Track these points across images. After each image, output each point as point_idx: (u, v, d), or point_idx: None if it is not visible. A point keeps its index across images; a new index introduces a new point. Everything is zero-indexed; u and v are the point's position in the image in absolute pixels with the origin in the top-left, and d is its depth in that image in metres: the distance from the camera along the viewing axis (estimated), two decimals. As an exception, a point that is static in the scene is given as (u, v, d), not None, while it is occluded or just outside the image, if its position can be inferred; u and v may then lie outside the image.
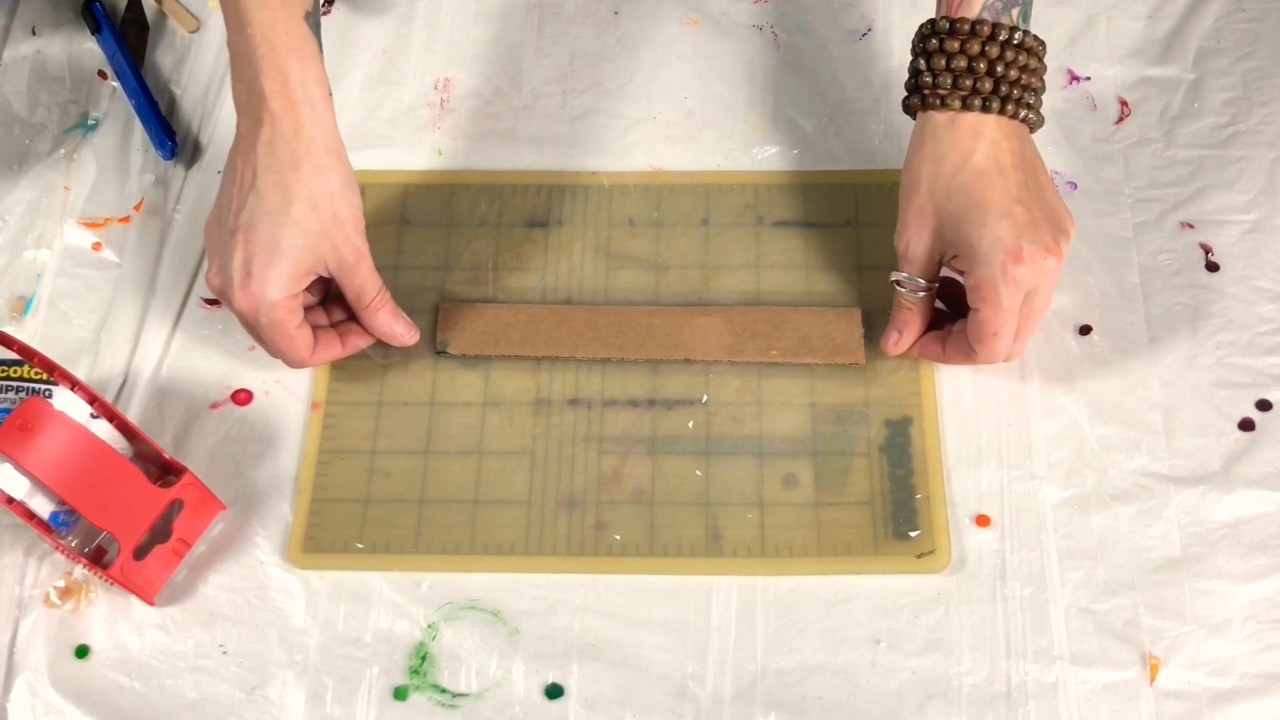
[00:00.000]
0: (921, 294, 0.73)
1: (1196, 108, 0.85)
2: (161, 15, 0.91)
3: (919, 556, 0.70)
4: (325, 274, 0.72)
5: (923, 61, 0.72)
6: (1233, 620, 0.69)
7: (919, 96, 0.72)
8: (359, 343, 0.76)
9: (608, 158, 0.84)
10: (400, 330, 0.75)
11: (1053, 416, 0.75)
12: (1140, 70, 0.86)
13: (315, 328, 0.74)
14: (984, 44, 0.71)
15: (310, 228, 0.70)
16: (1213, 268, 0.79)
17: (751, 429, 0.74)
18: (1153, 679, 0.68)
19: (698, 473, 0.73)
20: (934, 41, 0.72)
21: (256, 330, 0.71)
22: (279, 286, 0.70)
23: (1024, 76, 0.71)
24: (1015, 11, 0.72)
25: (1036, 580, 0.70)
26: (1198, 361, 0.76)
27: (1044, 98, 0.86)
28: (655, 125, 0.86)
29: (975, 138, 0.70)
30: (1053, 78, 0.86)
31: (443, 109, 0.87)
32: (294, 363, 0.73)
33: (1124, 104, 0.85)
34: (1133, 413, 0.75)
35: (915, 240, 0.72)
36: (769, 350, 0.75)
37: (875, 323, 0.77)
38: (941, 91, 0.71)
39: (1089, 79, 0.86)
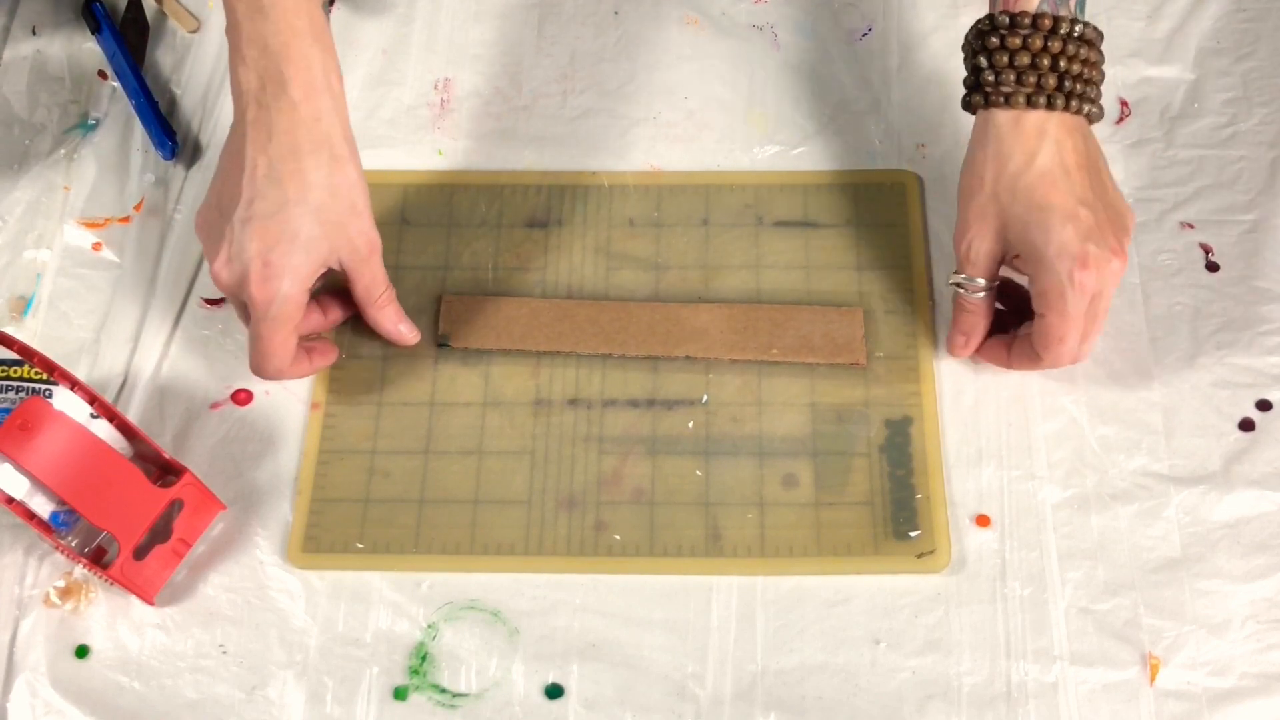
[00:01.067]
0: (982, 294, 0.72)
1: (1196, 108, 0.85)
2: (161, 15, 0.91)
3: (919, 556, 0.70)
4: (336, 267, 0.71)
5: (983, 59, 0.71)
6: (1233, 620, 0.69)
7: (981, 94, 0.71)
8: (323, 362, 0.75)
9: (608, 158, 0.84)
10: (405, 329, 0.75)
11: (1053, 416, 0.75)
12: (1140, 70, 0.86)
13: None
14: (1046, 38, 0.69)
15: (329, 217, 0.69)
16: (1213, 268, 0.79)
17: (751, 429, 0.74)
18: (1153, 679, 0.68)
19: (698, 473, 0.73)
20: (994, 39, 0.70)
21: (260, 325, 0.69)
22: (297, 278, 0.68)
23: (1085, 70, 0.70)
24: (1072, 1, 0.70)
25: (1036, 580, 0.70)
26: (1198, 361, 0.76)
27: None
28: (655, 125, 0.86)
29: (1040, 137, 0.69)
30: (1053, 78, 0.86)
31: (443, 109, 0.87)
32: (271, 370, 0.71)
33: (1124, 104, 0.85)
34: (1133, 413, 0.75)
35: (978, 242, 0.71)
36: (770, 349, 0.75)
37: (876, 322, 0.77)
38: (1005, 90, 0.70)
39: (1089, 79, 0.86)
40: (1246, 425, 0.74)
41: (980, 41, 0.71)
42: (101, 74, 0.88)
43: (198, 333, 0.79)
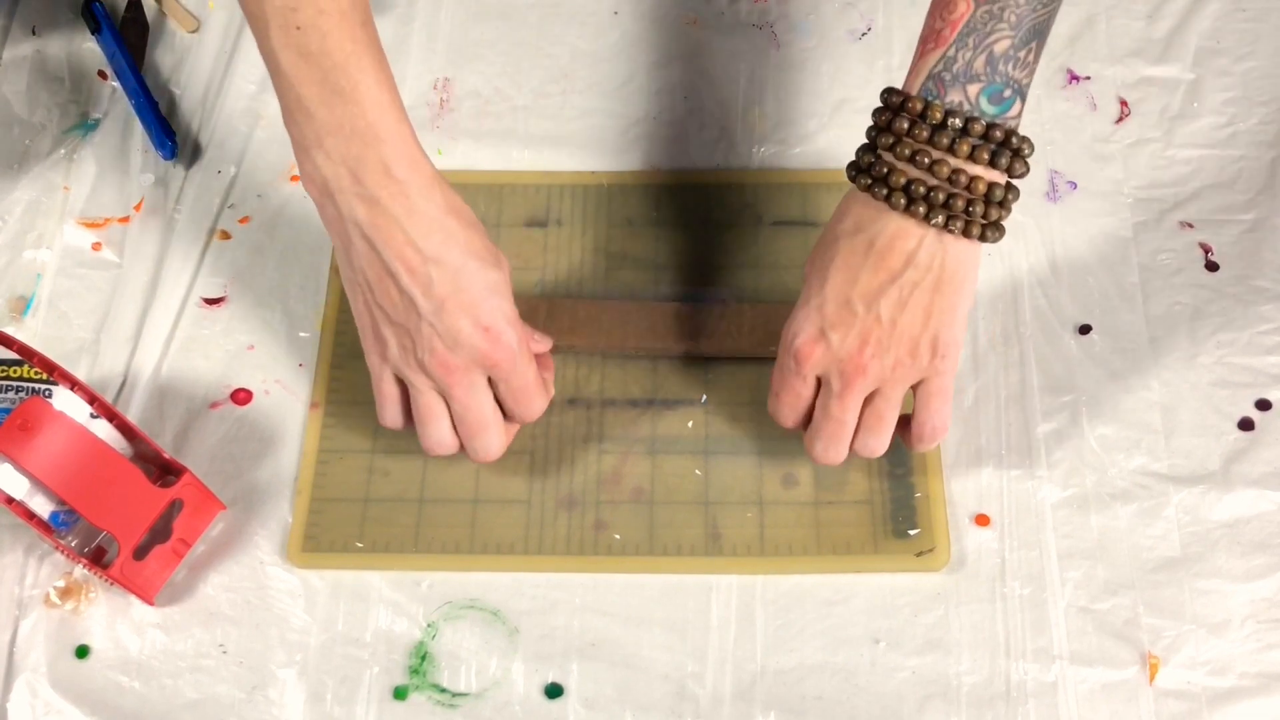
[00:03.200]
0: None
1: (1196, 107, 0.85)
2: (161, 15, 0.91)
3: (918, 555, 0.70)
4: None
5: (873, 135, 0.63)
6: (1232, 620, 0.69)
7: (858, 172, 0.63)
8: (549, 378, 0.72)
9: (607, 158, 0.84)
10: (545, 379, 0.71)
11: (1052, 416, 0.75)
12: (1140, 70, 0.86)
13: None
14: (932, 132, 0.60)
15: (487, 257, 0.66)
16: (1212, 267, 0.79)
17: (751, 428, 0.74)
18: (1152, 678, 0.68)
19: (697, 472, 0.73)
20: (884, 115, 0.62)
21: (513, 381, 0.66)
22: (513, 322, 0.65)
23: (993, 188, 0.61)
24: (975, 90, 0.60)
25: (1036, 580, 0.70)
26: (1197, 361, 0.76)
27: (1042, 97, 0.86)
28: (655, 125, 0.86)
29: (898, 254, 0.62)
30: (1052, 77, 0.86)
31: (442, 109, 0.87)
32: (537, 411, 0.68)
33: (1124, 104, 0.85)
34: (1132, 412, 0.75)
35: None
36: (769, 346, 0.75)
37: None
38: (878, 180, 0.62)
39: (1089, 79, 0.86)
40: (1246, 425, 0.74)
41: (875, 116, 0.63)
42: (101, 74, 0.88)
43: (198, 333, 0.79)
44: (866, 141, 0.63)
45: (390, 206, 0.63)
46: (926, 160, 0.60)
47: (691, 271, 0.79)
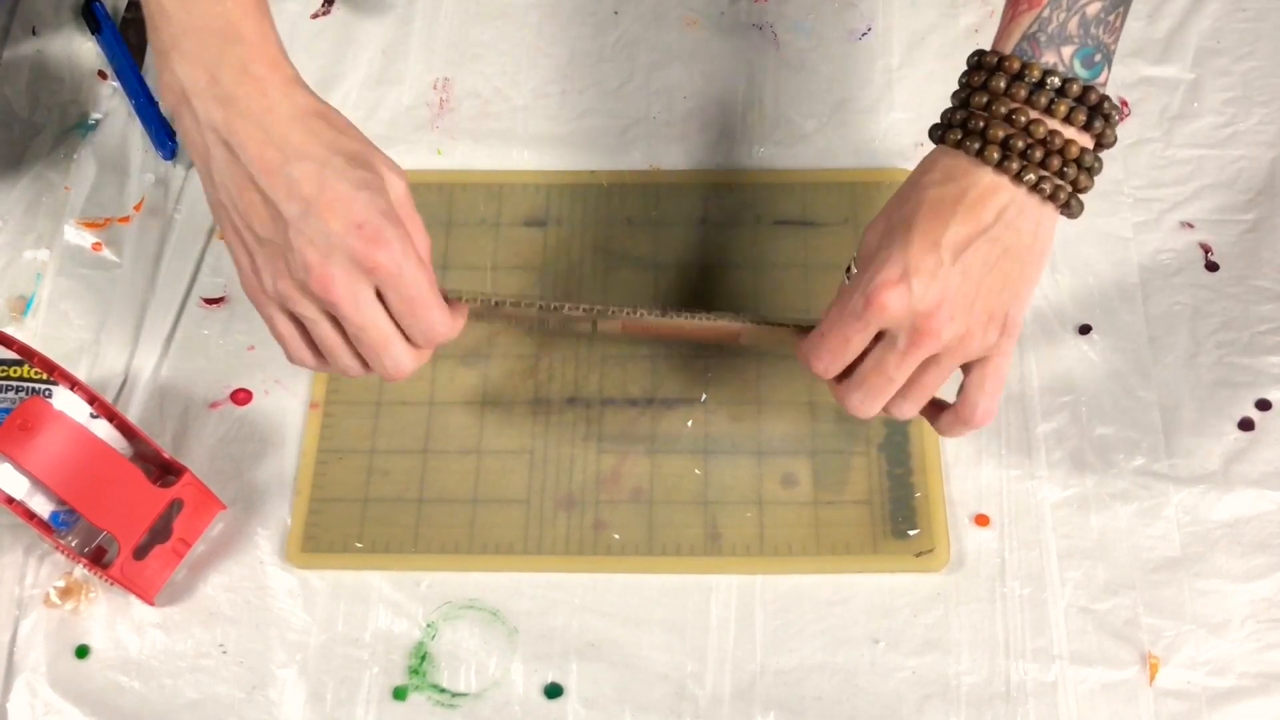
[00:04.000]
0: None
1: (1196, 107, 0.85)
2: (162, 15, 0.91)
3: (918, 555, 0.70)
4: None
5: (964, 95, 0.62)
6: (1232, 620, 0.69)
7: (948, 128, 0.62)
8: (462, 317, 0.65)
9: (607, 157, 0.84)
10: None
11: (1052, 416, 0.75)
12: (1140, 70, 0.86)
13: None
14: (1031, 91, 0.60)
15: (364, 160, 0.61)
16: (1212, 267, 0.79)
17: (750, 428, 0.74)
18: (1152, 678, 0.68)
19: (696, 471, 0.73)
20: (978, 75, 0.61)
21: (404, 291, 0.60)
22: (396, 221, 0.59)
23: (1084, 153, 0.60)
24: (1069, 51, 0.60)
25: (1036, 579, 0.70)
26: (1197, 361, 0.76)
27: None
28: (655, 125, 0.86)
29: (990, 208, 0.59)
30: (1052, 77, 0.86)
31: (442, 109, 0.87)
32: (442, 333, 0.62)
33: (1124, 104, 0.85)
34: (1132, 412, 0.75)
35: (869, 234, 0.63)
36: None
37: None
38: (973, 133, 0.60)
39: (1089, 78, 0.86)
40: (1246, 425, 0.74)
41: (965, 77, 0.63)
42: (101, 74, 0.88)
43: (198, 333, 0.79)
44: (954, 104, 0.62)
45: (248, 105, 0.59)
46: (1023, 119, 0.60)
47: (690, 271, 0.79)
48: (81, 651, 0.70)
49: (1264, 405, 0.75)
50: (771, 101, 0.86)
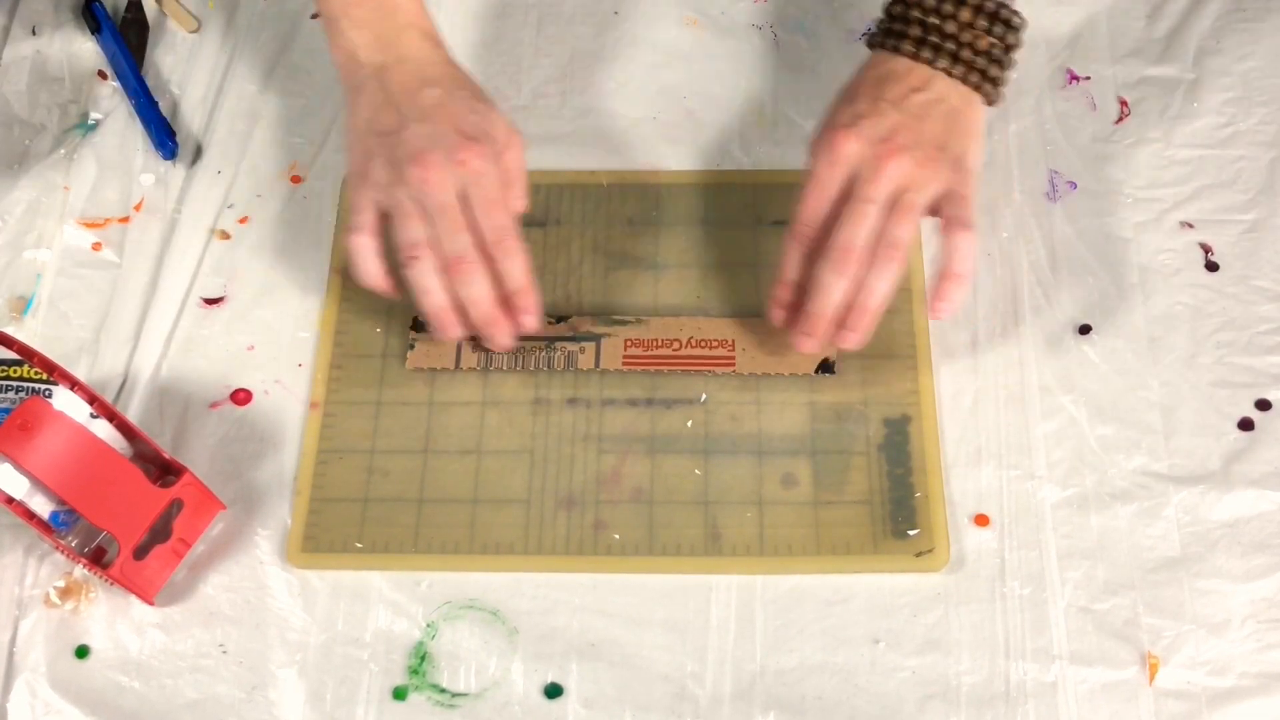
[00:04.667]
0: None
1: (1196, 108, 0.85)
2: (161, 15, 0.91)
3: (918, 555, 0.70)
4: None
5: (897, 9, 0.72)
6: (1232, 620, 0.69)
7: (874, 36, 0.73)
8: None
9: (607, 157, 0.84)
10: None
11: (1052, 416, 0.75)
12: (1140, 70, 0.86)
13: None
14: (939, 2, 0.71)
15: (478, 105, 0.72)
16: (1212, 267, 0.79)
17: (750, 428, 0.74)
18: (1152, 678, 0.68)
19: (697, 472, 0.73)
20: None
21: (477, 196, 0.70)
22: (499, 122, 0.71)
23: (989, 45, 0.71)
24: None
25: (1036, 580, 0.70)
26: (1197, 361, 0.76)
27: (1043, 97, 0.86)
28: (655, 125, 0.86)
29: (917, 77, 0.71)
30: (1053, 77, 0.86)
31: (442, 109, 0.86)
32: (504, 235, 0.71)
33: (1124, 104, 0.85)
34: (1132, 412, 0.75)
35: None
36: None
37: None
38: (896, 39, 0.71)
39: (1089, 79, 0.86)
40: (1246, 425, 0.74)
41: None
42: (101, 74, 0.88)
43: (197, 333, 0.79)
44: (882, 15, 0.73)
45: (402, 51, 0.72)
46: (934, 22, 0.71)
47: (690, 271, 0.79)
48: (81, 651, 0.70)
49: (1264, 405, 0.75)
50: (771, 101, 0.86)
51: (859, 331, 0.71)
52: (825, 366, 0.75)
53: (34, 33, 0.90)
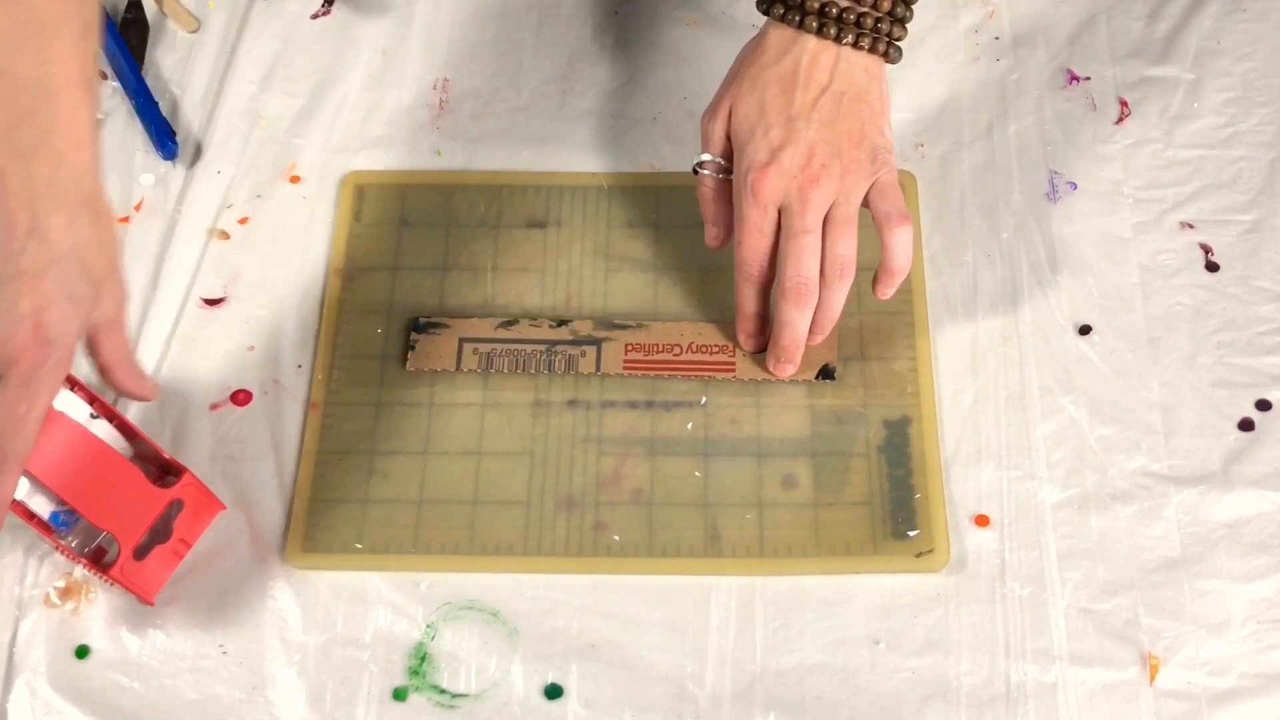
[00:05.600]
0: (720, 176, 0.74)
1: (1196, 108, 0.85)
2: (161, 15, 0.91)
3: (918, 556, 0.70)
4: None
5: None
6: (1232, 620, 0.69)
7: (773, 4, 0.70)
8: None
9: (607, 158, 0.84)
10: (148, 383, 0.68)
11: (1052, 416, 0.75)
12: (1140, 70, 0.86)
13: None
14: None
15: (95, 276, 0.63)
16: (1212, 268, 0.79)
17: (750, 430, 0.74)
18: (1152, 679, 0.68)
19: (696, 473, 0.73)
20: None
21: (17, 391, 0.60)
22: (71, 343, 0.61)
23: (895, 6, 0.70)
24: None
25: (1036, 580, 0.70)
26: (1197, 361, 0.76)
27: (1042, 97, 0.86)
28: (655, 125, 0.86)
29: (823, 69, 0.69)
30: (1053, 78, 0.86)
31: (442, 110, 0.87)
32: (21, 448, 0.61)
33: (1124, 104, 0.85)
34: (1132, 413, 0.75)
35: (715, 123, 0.72)
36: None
37: (874, 322, 0.77)
38: (794, 8, 0.69)
39: (1089, 79, 0.86)
40: (1246, 425, 0.74)
41: None
42: (101, 74, 0.88)
43: (198, 333, 0.79)
44: None
45: (35, 169, 0.60)
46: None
47: (690, 273, 0.79)
48: (81, 651, 0.70)
49: (1264, 405, 0.75)
50: (771, 102, 0.86)
51: (824, 334, 0.73)
52: (826, 373, 0.75)
53: (34, 33, 0.90)
